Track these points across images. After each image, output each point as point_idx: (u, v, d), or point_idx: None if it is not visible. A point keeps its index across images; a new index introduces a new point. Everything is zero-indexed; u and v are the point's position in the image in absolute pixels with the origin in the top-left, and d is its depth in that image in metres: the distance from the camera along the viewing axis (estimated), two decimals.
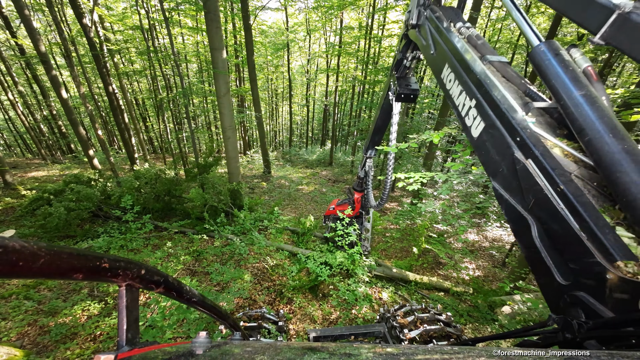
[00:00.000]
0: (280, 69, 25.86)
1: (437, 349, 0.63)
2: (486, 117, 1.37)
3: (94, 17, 10.34)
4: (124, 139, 13.25)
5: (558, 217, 0.99)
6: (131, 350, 0.66)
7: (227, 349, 0.74)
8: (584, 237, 0.91)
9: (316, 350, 0.65)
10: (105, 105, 21.03)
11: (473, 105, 1.47)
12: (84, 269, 0.50)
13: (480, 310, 5.60)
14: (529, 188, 1.11)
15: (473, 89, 1.47)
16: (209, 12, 7.09)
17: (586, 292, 0.91)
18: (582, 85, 1.04)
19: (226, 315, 1.36)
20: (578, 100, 1.02)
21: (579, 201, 0.93)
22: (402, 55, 3.10)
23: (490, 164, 1.36)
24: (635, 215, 0.85)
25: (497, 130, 1.29)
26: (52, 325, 4.52)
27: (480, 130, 1.41)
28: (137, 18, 11.68)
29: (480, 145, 1.43)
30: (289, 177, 16.06)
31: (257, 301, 5.44)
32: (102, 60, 11.06)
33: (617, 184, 0.89)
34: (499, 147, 1.28)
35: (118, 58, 17.75)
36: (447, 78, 1.76)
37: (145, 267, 0.71)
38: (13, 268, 0.37)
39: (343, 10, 15.30)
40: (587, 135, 0.97)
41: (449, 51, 1.74)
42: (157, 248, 6.98)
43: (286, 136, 33.90)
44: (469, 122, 1.52)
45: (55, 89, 9.57)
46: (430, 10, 2.15)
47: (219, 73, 7.69)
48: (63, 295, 5.37)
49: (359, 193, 5.84)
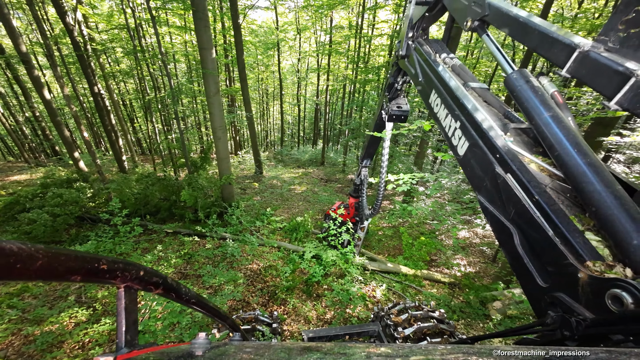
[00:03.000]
0: (271, 69, 25.70)
1: (438, 349, 0.64)
2: (470, 137, 1.50)
3: (78, 16, 10.05)
4: (110, 140, 12.95)
5: (535, 225, 1.08)
6: (130, 352, 0.66)
7: (226, 350, 0.74)
8: (557, 241, 1.00)
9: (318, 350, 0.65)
10: (90, 106, 20.48)
11: (458, 127, 1.61)
12: (82, 270, 0.50)
13: (472, 305, 5.68)
14: (510, 199, 1.21)
15: (457, 112, 1.62)
16: (197, 11, 6.97)
17: (563, 292, 0.99)
18: (550, 107, 1.18)
19: (226, 316, 1.37)
20: (547, 121, 1.15)
21: (552, 209, 1.03)
22: (393, 80, 3.35)
23: (475, 179, 1.47)
24: (600, 220, 0.95)
25: (479, 149, 1.42)
26: (37, 333, 4.37)
27: (465, 149, 1.54)
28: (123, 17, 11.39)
29: (466, 163, 1.55)
30: (281, 177, 15.98)
31: (250, 303, 5.39)
32: (86, 60, 10.77)
33: (583, 192, 1.00)
34: (482, 164, 1.40)
35: (104, 58, 17.31)
36: (434, 102, 1.92)
37: (144, 268, 0.71)
38: (11, 270, 0.36)
39: (333, 9, 15.29)
40: (556, 150, 1.09)
41: (436, 79, 1.90)
42: (147, 251, 6.85)
43: (278, 136, 33.74)
44: (455, 142, 1.65)
45: (37, 90, 9.26)
46: (418, 42, 2.40)
47: (208, 73, 7.57)
48: (49, 303, 5.20)
49: (353, 199, 6.11)
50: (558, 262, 1.00)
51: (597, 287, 0.85)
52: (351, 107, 19.20)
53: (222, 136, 8.67)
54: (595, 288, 0.86)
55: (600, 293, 0.84)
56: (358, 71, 16.25)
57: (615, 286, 0.79)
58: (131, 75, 16.01)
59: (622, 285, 0.77)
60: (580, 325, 0.85)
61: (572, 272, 0.93)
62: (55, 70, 9.26)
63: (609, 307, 0.80)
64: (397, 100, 3.49)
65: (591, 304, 0.88)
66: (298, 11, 19.29)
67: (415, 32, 2.52)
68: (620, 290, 0.77)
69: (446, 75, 1.80)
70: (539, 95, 1.22)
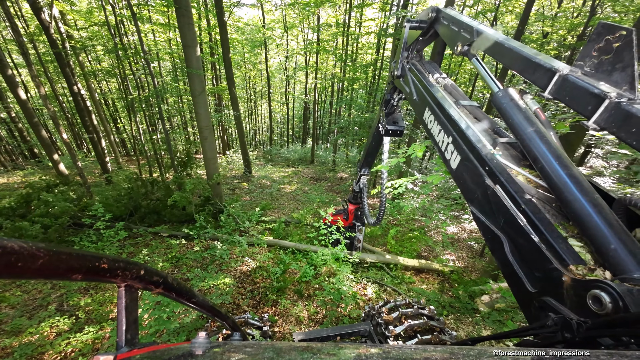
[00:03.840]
0: (258, 67, 25.44)
1: (439, 349, 0.64)
2: (461, 151, 1.59)
3: (54, 12, 9.64)
4: (92, 141, 12.53)
5: (523, 233, 1.14)
6: (130, 350, 0.66)
7: (226, 350, 0.73)
8: (543, 247, 1.06)
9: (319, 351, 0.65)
10: (71, 106, 19.75)
11: (450, 142, 1.70)
12: (82, 269, 0.50)
13: (461, 300, 5.77)
14: (499, 209, 1.28)
15: (450, 128, 1.71)
16: (180, 8, 6.79)
17: (550, 296, 1.04)
18: (533, 123, 1.26)
19: (225, 316, 1.38)
20: (531, 135, 1.23)
21: (537, 217, 1.10)
22: (389, 96, 3.53)
23: (468, 191, 1.55)
24: (581, 227, 1.01)
25: (470, 162, 1.49)
26: (15, 345, 4.17)
27: (458, 163, 1.62)
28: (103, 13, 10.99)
29: (458, 175, 1.63)
30: (270, 176, 15.85)
31: (240, 305, 5.31)
32: (64, 58, 10.35)
33: (565, 202, 1.06)
34: (473, 176, 1.48)
35: (84, 56, 16.71)
36: (428, 119, 2.02)
37: (144, 267, 0.71)
38: (12, 269, 0.37)
39: (320, 7, 15.21)
40: (540, 163, 1.17)
41: (429, 97, 2.00)
42: (133, 256, 6.66)
43: (266, 135, 33.46)
44: (448, 156, 1.74)
45: (12, 90, 8.84)
46: (412, 64, 2.52)
47: (193, 72, 7.40)
48: (28, 312, 4.98)
49: (353, 205, 6.21)
50: (544, 267, 1.05)
51: (579, 289, 0.90)
52: (340, 105, 19.21)
53: (209, 136, 8.50)
54: (578, 290, 0.91)
55: (582, 294, 0.87)
56: (346, 69, 16.25)
57: (595, 287, 0.83)
58: (113, 74, 15.50)
59: (601, 286, 0.82)
60: (582, 328, 0.85)
61: (557, 276, 0.99)
62: (31, 69, 8.87)
63: (590, 307, 0.84)
64: (394, 116, 3.72)
65: (575, 305, 0.93)
66: (285, 9, 19.12)
67: (409, 53, 2.68)
68: (599, 290, 0.81)
69: (439, 95, 1.90)
70: (523, 112, 1.31)
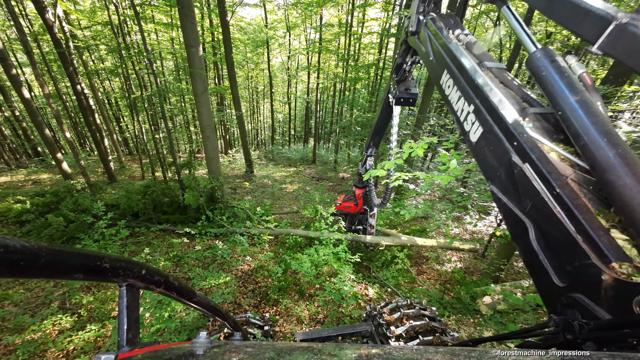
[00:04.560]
0: (261, 67, 25.46)
1: (441, 350, 0.63)
2: (484, 123, 1.38)
3: (58, 12, 9.70)
4: (95, 140, 12.60)
5: (554, 220, 1.00)
6: (132, 350, 0.66)
7: (227, 349, 0.74)
8: (579, 239, 0.92)
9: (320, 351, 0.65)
10: (74, 105, 19.85)
11: (471, 111, 1.48)
12: (84, 268, 0.51)
13: (463, 301, 5.75)
14: (526, 192, 1.12)
15: (471, 94, 1.48)
16: (183, 7, 6.80)
17: (582, 294, 0.92)
18: (578, 91, 1.06)
19: (227, 316, 1.37)
20: (573, 106, 1.04)
21: (575, 204, 0.95)
22: (401, 60, 3.16)
23: (489, 169, 1.37)
24: (628, 217, 0.87)
25: (494, 135, 1.30)
26: (18, 343, 4.20)
27: (479, 136, 1.43)
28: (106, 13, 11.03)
29: (479, 150, 1.44)
30: (272, 176, 15.86)
31: (242, 305, 5.32)
32: (68, 57, 10.41)
33: (611, 187, 0.91)
34: (497, 152, 1.30)
35: (87, 55, 16.78)
36: (445, 84, 1.78)
37: (146, 266, 0.71)
38: (14, 268, 0.37)
39: (322, 7, 15.21)
40: (582, 139, 0.99)
41: (448, 58, 1.75)
42: (135, 254, 6.69)
43: (268, 134, 33.49)
44: (467, 127, 1.54)
45: (16, 89, 8.90)
46: (429, 17, 2.19)
47: (196, 71, 7.41)
48: (30, 310, 5.01)
49: (360, 189, 5.90)
50: (578, 261, 0.93)
51: (624, 292, 0.79)
52: (342, 105, 19.20)
53: (210, 135, 8.52)
54: (622, 292, 0.80)
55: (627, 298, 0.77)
56: (348, 69, 16.24)
57: None
58: (116, 74, 15.58)
59: None
60: (584, 329, 0.83)
61: (595, 274, 0.87)
62: (35, 69, 8.93)
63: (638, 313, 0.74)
64: (406, 83, 3.32)
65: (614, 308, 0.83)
66: (287, 9, 19.12)
67: (426, 5, 2.32)
68: None
69: (459, 53, 1.65)
70: (565, 77, 1.10)
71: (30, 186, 12.58)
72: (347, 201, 6.13)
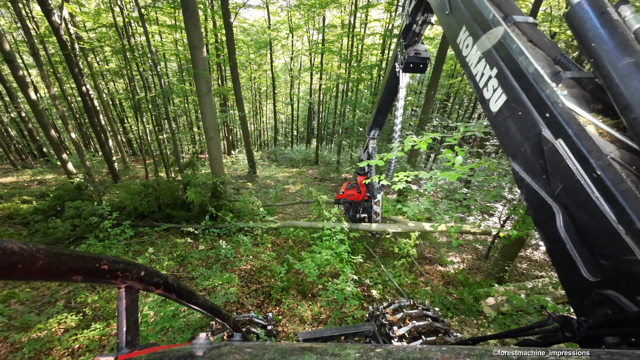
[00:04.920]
0: (263, 68, 25.55)
1: (442, 349, 0.63)
2: (509, 89, 1.19)
3: (64, 14, 9.81)
4: (100, 141, 12.70)
5: (590, 207, 0.87)
6: (131, 352, 0.66)
7: (227, 351, 0.74)
8: (621, 230, 0.80)
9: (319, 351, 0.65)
10: (79, 106, 20.06)
11: (494, 75, 1.28)
12: (82, 270, 0.50)
13: (466, 302, 5.73)
14: (557, 172, 0.97)
15: (494, 55, 1.26)
16: (187, 9, 6.86)
17: (618, 292, 0.82)
18: (633, 51, 0.87)
19: (227, 317, 1.37)
20: (626, 70, 0.86)
21: (619, 189, 0.81)
22: (411, 19, 2.79)
23: (511, 143, 1.20)
24: None
25: (521, 105, 1.12)
26: (24, 341, 4.24)
27: (501, 105, 1.24)
28: (111, 15, 11.16)
29: (500, 122, 1.26)
30: (274, 176, 15.90)
31: (245, 305, 5.34)
32: (73, 59, 10.52)
33: None
34: (523, 124, 1.12)
35: (92, 57, 16.96)
36: (463, 43, 1.57)
37: (145, 268, 0.71)
38: (12, 270, 0.37)
39: (325, 8, 15.26)
40: (633, 112, 0.84)
41: (467, 10, 1.52)
42: (139, 254, 6.73)
43: (271, 135, 33.58)
44: (487, 95, 1.33)
45: (22, 90, 9.01)
46: None
47: (199, 73, 7.47)
48: (36, 309, 5.07)
49: (361, 176, 5.60)
50: (617, 255, 0.81)
51: None
52: (345, 106, 19.22)
53: (214, 136, 8.57)
54: None
55: None
56: (351, 70, 16.25)
57: None
58: (121, 75, 15.73)
59: None
60: (582, 327, 0.81)
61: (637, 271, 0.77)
62: (41, 70, 9.04)
63: None
64: (415, 47, 2.97)
65: None
66: (290, 10, 19.20)
67: None
68: None
69: (481, 5, 1.40)
70: (617, 35, 0.89)
71: (35, 186, 12.71)
72: (350, 189, 5.86)
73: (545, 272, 7.57)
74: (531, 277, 7.30)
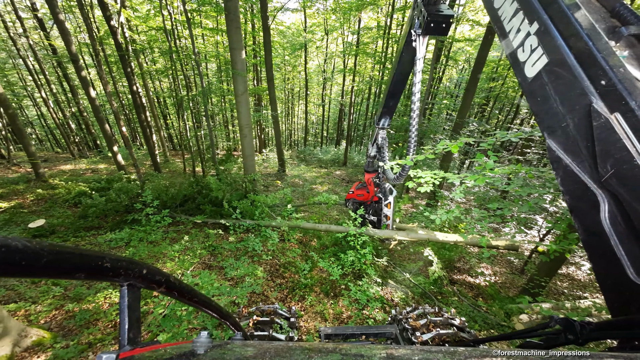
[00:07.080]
0: (297, 69, 26.03)
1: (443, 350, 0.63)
2: (552, 50, 0.98)
3: (121, 19, 10.78)
4: (145, 136, 13.75)
5: None
6: (133, 349, 0.66)
7: (228, 349, 0.75)
8: None
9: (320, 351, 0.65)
10: (128, 103, 21.87)
11: (533, 32, 1.06)
12: (85, 268, 0.51)
13: (496, 316, 5.45)
14: (609, 153, 0.81)
15: (535, 6, 1.04)
16: (229, 13, 7.25)
17: None
18: None
19: (228, 315, 1.37)
20: None
21: None
22: None
23: (548, 116, 1.01)
24: None
25: (567, 70, 0.92)
26: (76, 310, 4.77)
27: (540, 68, 1.03)
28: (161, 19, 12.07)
29: (536, 90, 1.05)
30: (303, 176, 16.16)
31: (269, 297, 5.53)
32: (127, 60, 11.52)
33: None
34: (567, 93, 0.93)
35: (142, 58, 18.40)
36: None
37: (147, 266, 0.71)
38: (16, 267, 0.37)
39: (362, 10, 15.24)
40: None
41: None
42: (175, 241, 7.22)
43: (301, 135, 34.11)
44: (522, 57, 1.11)
45: (84, 88, 10.06)
46: None
47: (237, 73, 7.84)
48: (87, 283, 5.65)
49: (369, 174, 5.26)
50: None
51: None
52: (376, 108, 19.00)
53: (248, 134, 8.94)
54: None
55: None
56: (384, 72, 16.06)
57: None
58: (165, 75, 16.90)
59: None
60: (585, 330, 0.79)
61: None
62: (100, 69, 10.01)
63: None
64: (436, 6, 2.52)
65: None
66: (326, 13, 19.39)
67: None
68: None
69: None
70: None
71: (89, 174, 14.08)
72: (361, 189, 5.58)
73: (590, 294, 6.94)
74: (572, 297, 6.74)
